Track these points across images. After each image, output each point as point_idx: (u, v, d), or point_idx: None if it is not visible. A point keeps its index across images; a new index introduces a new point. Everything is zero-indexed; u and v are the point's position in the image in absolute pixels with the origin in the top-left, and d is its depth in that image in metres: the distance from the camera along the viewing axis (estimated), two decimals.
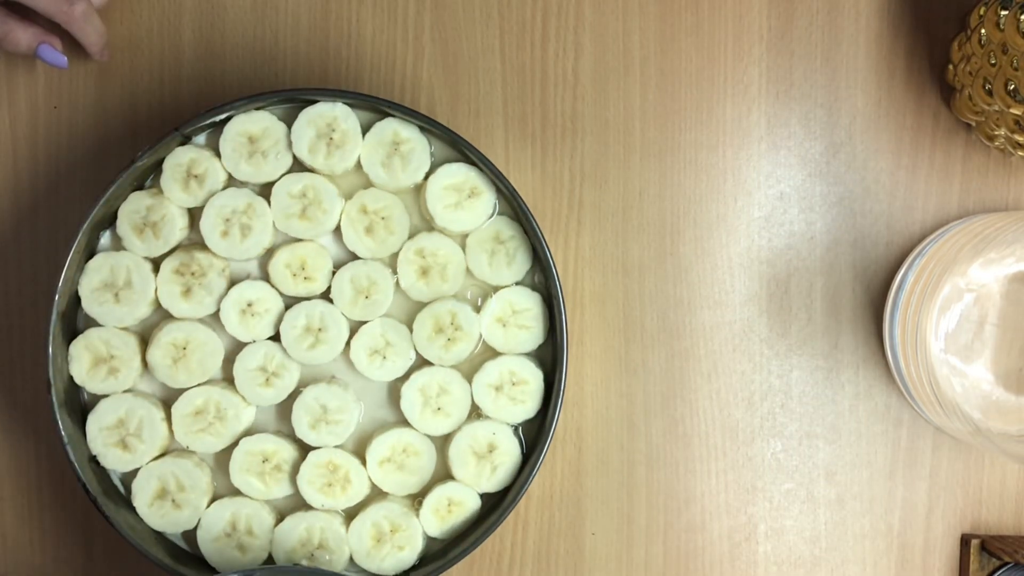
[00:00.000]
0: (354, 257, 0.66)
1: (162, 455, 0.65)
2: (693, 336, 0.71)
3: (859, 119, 0.71)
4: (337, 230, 0.66)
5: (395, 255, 0.66)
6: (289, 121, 0.65)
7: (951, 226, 0.70)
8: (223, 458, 0.66)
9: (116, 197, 0.64)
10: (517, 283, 0.67)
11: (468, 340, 0.65)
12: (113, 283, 0.64)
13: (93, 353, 0.64)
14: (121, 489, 0.66)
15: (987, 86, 0.64)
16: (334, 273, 0.66)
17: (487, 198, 0.66)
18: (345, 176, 0.66)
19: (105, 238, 0.66)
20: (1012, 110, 0.62)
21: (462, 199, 0.65)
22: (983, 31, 0.64)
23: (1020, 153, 0.66)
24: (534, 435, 0.67)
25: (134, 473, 0.65)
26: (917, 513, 0.72)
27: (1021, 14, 0.60)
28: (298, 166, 0.66)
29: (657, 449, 0.71)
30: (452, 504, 0.66)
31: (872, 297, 0.71)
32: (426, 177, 0.66)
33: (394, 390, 0.67)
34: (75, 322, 0.66)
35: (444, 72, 0.71)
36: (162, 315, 0.66)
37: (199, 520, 0.65)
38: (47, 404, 0.63)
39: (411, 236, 0.66)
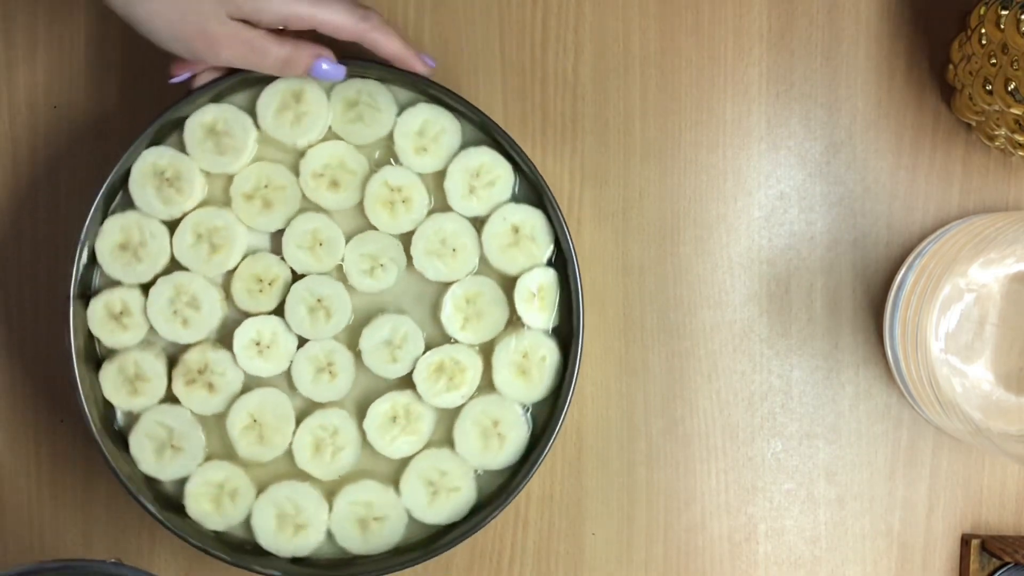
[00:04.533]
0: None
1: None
2: (693, 336, 0.71)
3: (859, 119, 0.71)
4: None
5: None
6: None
7: (951, 226, 0.70)
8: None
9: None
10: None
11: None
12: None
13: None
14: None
15: (987, 86, 0.64)
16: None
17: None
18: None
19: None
20: (1012, 110, 0.62)
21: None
22: (983, 31, 0.64)
23: (1020, 153, 0.66)
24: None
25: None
26: (917, 513, 0.72)
27: (1021, 14, 0.60)
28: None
29: (657, 449, 0.71)
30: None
31: (872, 297, 0.71)
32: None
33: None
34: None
35: (444, 72, 0.70)
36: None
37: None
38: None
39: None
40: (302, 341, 0.66)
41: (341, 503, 0.66)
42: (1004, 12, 0.62)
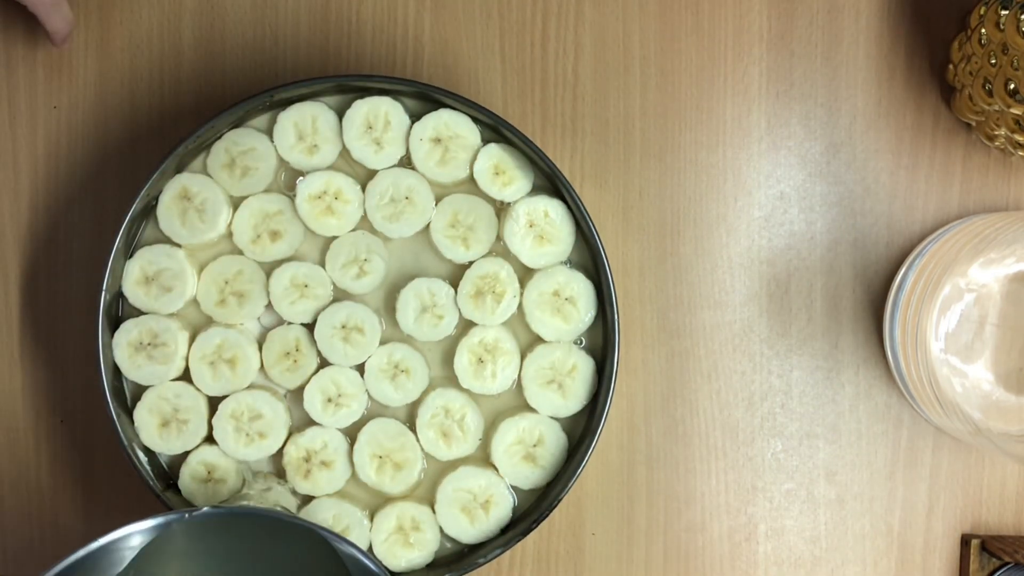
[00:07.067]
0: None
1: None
2: (693, 336, 0.71)
3: (859, 119, 0.71)
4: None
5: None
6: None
7: (951, 226, 0.70)
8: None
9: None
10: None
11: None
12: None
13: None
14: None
15: (987, 86, 0.64)
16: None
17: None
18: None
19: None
20: (1012, 110, 0.62)
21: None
22: (983, 31, 0.64)
23: (1020, 153, 0.66)
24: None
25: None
26: (917, 513, 0.72)
27: (1021, 14, 0.60)
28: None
29: (657, 449, 0.71)
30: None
31: (872, 297, 0.71)
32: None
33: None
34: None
35: (444, 72, 0.71)
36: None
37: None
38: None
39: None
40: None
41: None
42: (1004, 12, 0.62)
